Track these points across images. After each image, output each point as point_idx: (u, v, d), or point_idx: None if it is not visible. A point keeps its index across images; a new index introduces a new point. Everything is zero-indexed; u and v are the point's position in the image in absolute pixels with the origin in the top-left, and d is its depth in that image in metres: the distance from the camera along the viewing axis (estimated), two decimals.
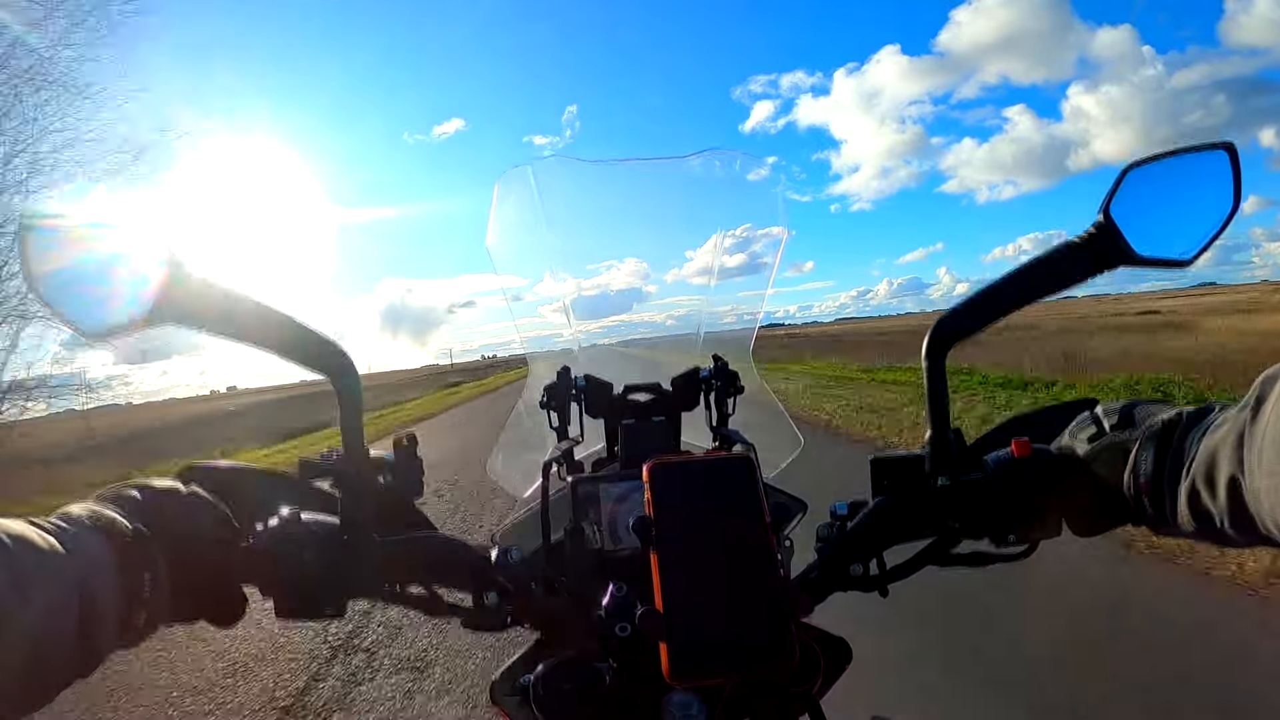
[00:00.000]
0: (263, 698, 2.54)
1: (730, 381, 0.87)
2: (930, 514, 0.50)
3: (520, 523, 0.78)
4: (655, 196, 1.03)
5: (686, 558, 0.49)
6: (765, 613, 0.47)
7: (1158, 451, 0.41)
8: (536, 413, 0.89)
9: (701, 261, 1.07)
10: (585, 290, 1.12)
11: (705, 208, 1.04)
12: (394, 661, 2.73)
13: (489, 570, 0.51)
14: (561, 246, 1.03)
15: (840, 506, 0.54)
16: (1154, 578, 2.77)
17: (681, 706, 0.49)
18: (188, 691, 2.65)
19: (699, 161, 0.95)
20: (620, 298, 1.16)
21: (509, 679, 0.60)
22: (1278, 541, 0.34)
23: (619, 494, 0.70)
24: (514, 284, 1.04)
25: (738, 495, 0.52)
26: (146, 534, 0.39)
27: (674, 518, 0.51)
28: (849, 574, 0.52)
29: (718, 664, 0.46)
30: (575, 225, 1.04)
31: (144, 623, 0.38)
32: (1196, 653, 2.16)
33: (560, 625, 0.54)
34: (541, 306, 1.12)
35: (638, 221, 1.06)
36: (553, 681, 0.50)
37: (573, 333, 1.06)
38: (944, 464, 0.49)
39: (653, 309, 1.19)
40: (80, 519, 0.37)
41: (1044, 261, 0.46)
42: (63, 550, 0.34)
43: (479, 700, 2.33)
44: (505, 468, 0.94)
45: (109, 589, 0.36)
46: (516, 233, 1.00)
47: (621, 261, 1.11)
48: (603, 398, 0.89)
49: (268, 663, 2.84)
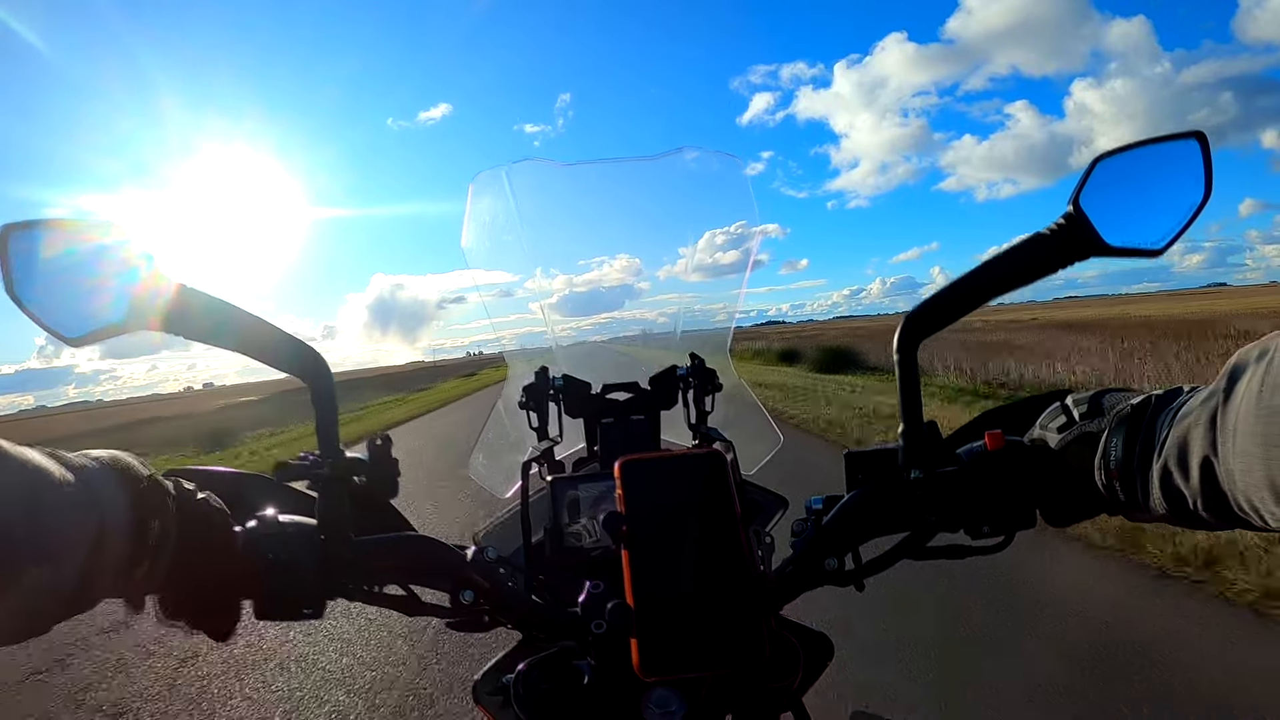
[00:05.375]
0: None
1: (708, 379, 0.87)
2: (905, 507, 0.50)
3: (502, 523, 0.78)
4: (630, 197, 1.03)
5: (658, 554, 0.50)
6: (737, 608, 0.48)
7: (1127, 437, 0.41)
8: (516, 412, 0.89)
9: (678, 260, 1.07)
10: (561, 290, 1.12)
11: (679, 207, 1.05)
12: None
13: (465, 569, 0.51)
14: (537, 247, 1.03)
15: (815, 501, 0.54)
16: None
17: (661, 702, 0.49)
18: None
19: (671, 160, 0.95)
20: (608, 295, 1.16)
21: (491, 678, 0.61)
22: (1251, 522, 0.34)
23: (598, 493, 0.70)
24: (497, 281, 1.04)
25: (709, 491, 0.53)
26: (163, 485, 0.40)
27: (645, 514, 0.52)
28: (824, 569, 0.52)
29: (689, 659, 0.47)
30: (551, 226, 1.04)
31: (143, 575, 0.39)
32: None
33: (541, 624, 0.54)
34: (533, 303, 1.13)
35: (613, 222, 1.07)
36: (532, 680, 0.51)
37: (552, 332, 1.06)
38: (917, 457, 0.48)
39: (642, 307, 1.19)
40: (102, 457, 0.38)
41: (1014, 253, 0.46)
42: (80, 485, 0.35)
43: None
44: (486, 468, 0.93)
45: (119, 530, 0.37)
46: (491, 233, 1.00)
47: (604, 261, 1.11)
48: (581, 397, 0.89)
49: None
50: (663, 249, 1.10)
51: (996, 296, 0.47)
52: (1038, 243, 0.45)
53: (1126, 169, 0.45)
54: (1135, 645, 2.24)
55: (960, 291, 0.47)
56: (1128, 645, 2.25)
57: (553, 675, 0.51)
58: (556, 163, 0.96)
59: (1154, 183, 0.44)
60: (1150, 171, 0.44)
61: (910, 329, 0.48)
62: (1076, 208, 0.44)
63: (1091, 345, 12.54)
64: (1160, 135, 0.44)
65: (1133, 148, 0.44)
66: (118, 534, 0.37)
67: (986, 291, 0.47)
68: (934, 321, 0.48)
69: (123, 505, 0.37)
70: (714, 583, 0.49)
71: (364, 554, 0.48)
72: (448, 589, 0.51)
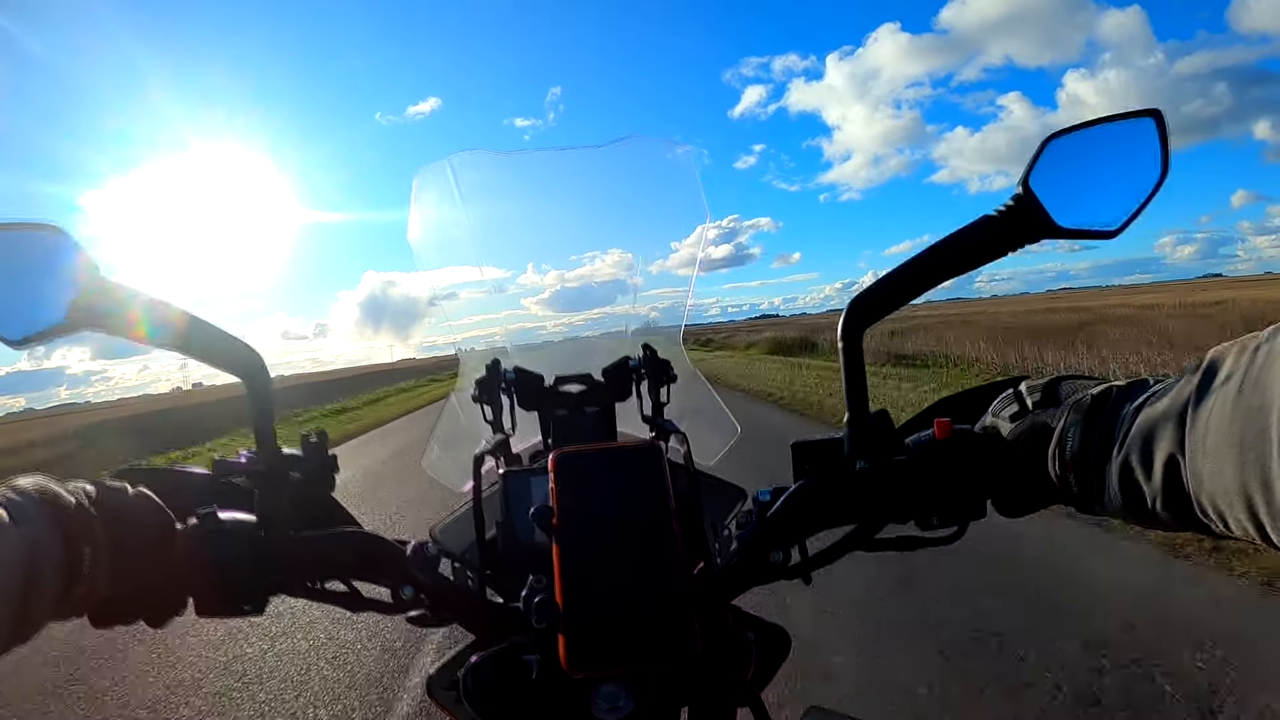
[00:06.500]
0: None
1: (661, 370, 0.86)
2: (851, 498, 0.49)
3: (457, 518, 0.76)
4: (579, 188, 1.00)
5: (588, 548, 0.49)
6: (665, 603, 0.47)
7: (1085, 427, 0.39)
8: (471, 406, 0.87)
9: (625, 254, 1.04)
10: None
11: (630, 202, 1.02)
12: None
13: (404, 564, 0.51)
14: (485, 240, 0.99)
15: (764, 493, 0.53)
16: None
17: (609, 698, 0.48)
18: None
19: (620, 150, 0.92)
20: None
21: (446, 673, 0.60)
22: (1212, 528, 0.32)
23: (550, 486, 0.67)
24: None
25: (643, 484, 0.52)
26: (91, 512, 0.39)
27: (577, 508, 0.51)
28: (769, 562, 0.50)
29: (615, 654, 0.46)
30: (497, 219, 1.00)
31: (82, 596, 0.39)
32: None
33: (482, 620, 0.54)
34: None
35: (560, 214, 1.03)
36: (482, 674, 0.50)
37: (505, 328, 1.05)
38: (863, 446, 0.47)
39: (608, 304, 1.15)
40: (27, 490, 0.37)
41: (962, 236, 0.44)
42: (8, 520, 0.35)
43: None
44: (441, 463, 0.91)
45: (51, 561, 0.36)
46: (438, 227, 0.97)
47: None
48: (534, 389, 0.88)
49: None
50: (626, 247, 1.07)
51: (945, 280, 0.45)
52: (987, 225, 0.43)
53: (1079, 149, 0.43)
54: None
55: (906, 276, 0.45)
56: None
57: (503, 670, 0.50)
58: (499, 152, 0.93)
59: (1108, 162, 0.42)
60: (1104, 151, 0.42)
61: (855, 315, 0.47)
62: (1026, 188, 0.42)
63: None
64: (1114, 114, 0.42)
65: (1085, 126, 0.43)
66: (51, 568, 0.36)
67: (934, 276, 0.45)
68: (879, 308, 0.46)
69: (53, 538, 0.37)
70: (644, 576, 0.48)
71: (303, 550, 0.48)
72: (389, 584, 0.51)
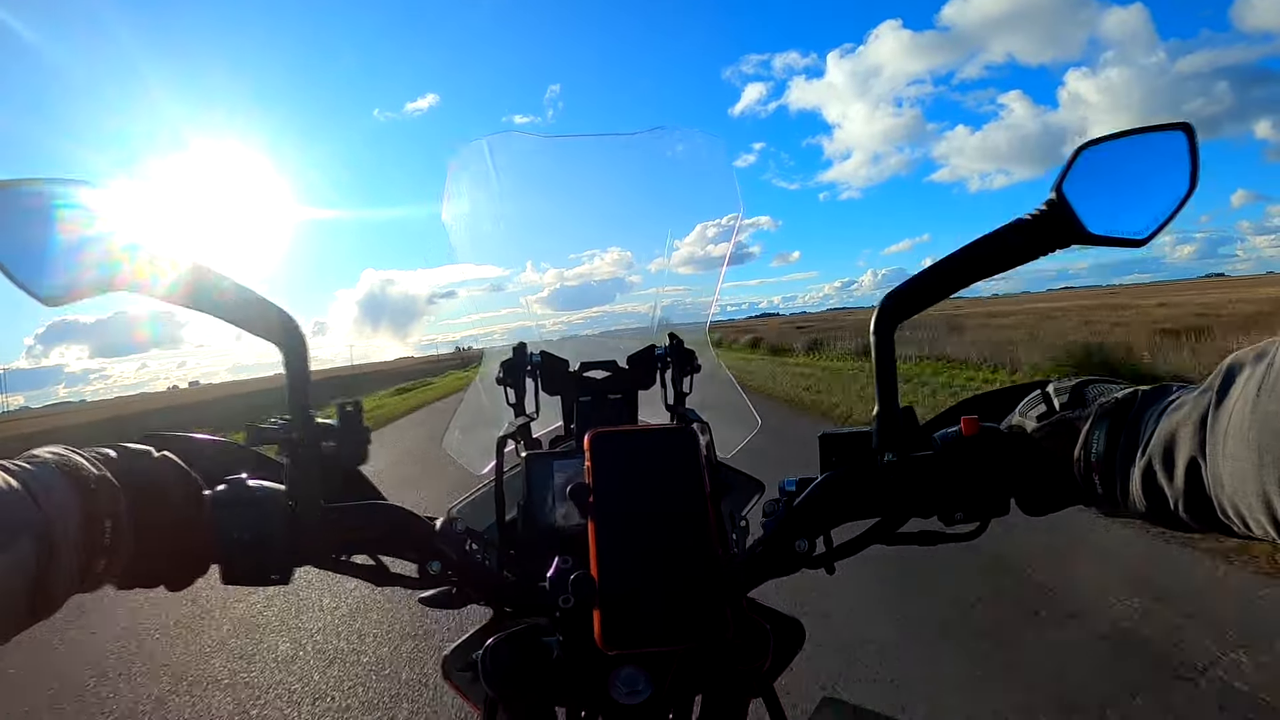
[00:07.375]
0: None
1: (686, 360, 0.87)
2: (877, 491, 0.49)
3: (477, 499, 0.78)
4: (612, 183, 1.01)
5: (624, 527, 0.49)
6: (702, 586, 0.47)
7: (1110, 430, 0.40)
8: (494, 390, 0.89)
9: (661, 251, 1.05)
10: (553, 284, 1.11)
11: (664, 196, 1.03)
12: None
13: (434, 539, 0.50)
14: (521, 235, 1.00)
15: (789, 483, 0.53)
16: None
17: (628, 681, 0.48)
18: None
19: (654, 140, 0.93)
20: (599, 289, 1.14)
21: (461, 654, 0.60)
22: (1233, 529, 0.33)
23: (573, 470, 0.69)
24: (487, 275, 1.02)
25: (680, 467, 0.52)
26: (114, 483, 0.39)
27: (613, 487, 0.51)
28: (794, 551, 0.51)
29: (652, 633, 0.46)
30: (534, 214, 1.02)
31: (103, 569, 0.38)
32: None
33: (508, 598, 0.53)
34: (523, 296, 1.11)
35: (597, 211, 1.05)
36: (500, 655, 0.50)
37: (534, 320, 1.06)
38: (891, 440, 0.48)
39: (631, 300, 1.17)
40: (46, 461, 0.36)
41: (994, 238, 0.45)
42: (28, 494, 0.34)
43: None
44: (462, 444, 0.93)
45: (71, 535, 0.35)
46: (473, 215, 0.98)
47: (596, 253, 1.10)
48: (559, 374, 0.89)
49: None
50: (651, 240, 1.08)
51: (976, 281, 0.46)
52: (1019, 229, 0.45)
53: (1111, 158, 0.44)
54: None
55: (939, 275, 0.47)
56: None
57: (521, 651, 0.50)
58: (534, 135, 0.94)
59: (1139, 173, 0.44)
60: (1135, 162, 0.44)
61: (888, 312, 0.48)
62: (1059, 195, 0.44)
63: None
64: (1147, 125, 0.44)
65: (1118, 137, 0.44)
66: (70, 542, 0.35)
67: (966, 276, 0.46)
68: (912, 305, 0.47)
69: (73, 512, 0.36)
70: (680, 558, 0.48)
71: (332, 521, 0.48)
72: (415, 559, 0.51)
